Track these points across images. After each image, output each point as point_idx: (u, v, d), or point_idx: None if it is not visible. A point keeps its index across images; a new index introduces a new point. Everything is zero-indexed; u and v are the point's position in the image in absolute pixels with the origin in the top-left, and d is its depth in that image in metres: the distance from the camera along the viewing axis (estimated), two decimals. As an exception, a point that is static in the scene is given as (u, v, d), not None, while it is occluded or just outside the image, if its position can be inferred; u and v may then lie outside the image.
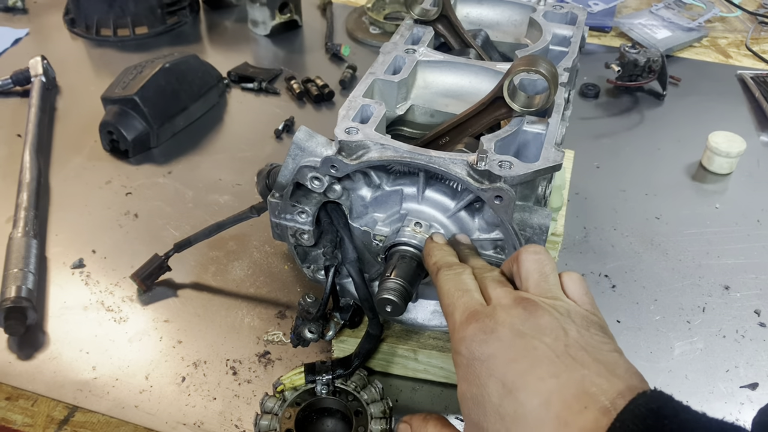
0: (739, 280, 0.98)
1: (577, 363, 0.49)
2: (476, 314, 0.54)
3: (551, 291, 0.56)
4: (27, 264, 0.92)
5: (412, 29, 0.88)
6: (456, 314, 0.56)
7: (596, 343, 0.51)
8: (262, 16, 1.53)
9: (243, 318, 0.90)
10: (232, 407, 0.80)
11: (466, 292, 0.58)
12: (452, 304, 0.57)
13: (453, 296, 0.58)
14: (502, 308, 0.54)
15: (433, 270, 0.63)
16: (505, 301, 0.55)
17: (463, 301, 0.57)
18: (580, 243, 1.03)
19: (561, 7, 0.93)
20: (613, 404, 0.45)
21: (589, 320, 0.54)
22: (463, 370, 0.53)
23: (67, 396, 0.81)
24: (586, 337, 0.51)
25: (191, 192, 1.12)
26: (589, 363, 0.49)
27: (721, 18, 1.66)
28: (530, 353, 0.50)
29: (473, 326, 0.53)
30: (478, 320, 0.53)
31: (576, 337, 0.51)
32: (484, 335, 0.52)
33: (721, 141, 1.16)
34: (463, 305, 0.56)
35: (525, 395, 0.48)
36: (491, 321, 0.53)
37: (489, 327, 0.52)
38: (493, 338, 0.52)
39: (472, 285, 0.59)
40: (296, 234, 0.76)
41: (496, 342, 0.51)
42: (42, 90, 1.30)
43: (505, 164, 0.63)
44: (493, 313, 0.53)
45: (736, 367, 0.86)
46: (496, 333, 0.52)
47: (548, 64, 0.67)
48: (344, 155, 0.67)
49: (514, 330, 0.51)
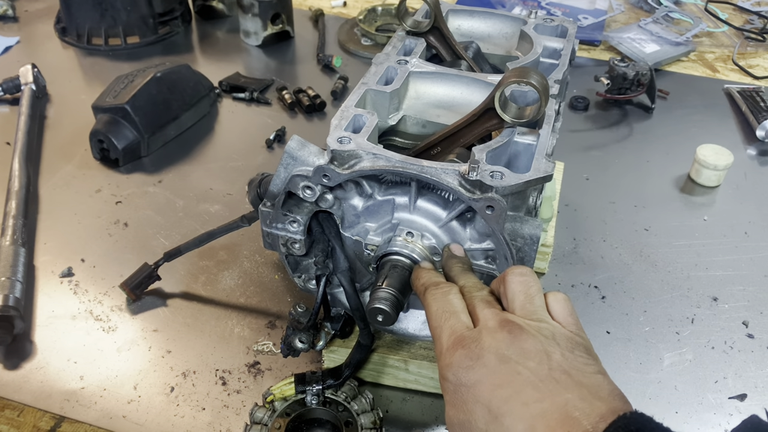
0: (728, 292, 0.98)
1: (561, 387, 0.50)
2: (462, 340, 0.55)
3: (536, 313, 0.57)
4: (15, 272, 0.92)
5: (405, 40, 0.89)
6: (443, 338, 0.56)
7: (580, 365, 0.52)
8: (254, 27, 1.53)
9: (233, 328, 0.90)
10: (221, 418, 0.79)
11: (452, 314, 0.58)
12: (439, 326, 0.58)
13: (440, 318, 0.58)
14: (487, 332, 0.54)
15: (421, 290, 0.64)
16: (490, 323, 0.55)
17: (449, 324, 0.57)
18: (570, 254, 1.04)
19: (552, 20, 0.94)
20: (595, 428, 0.46)
21: (573, 342, 0.54)
22: (451, 395, 0.54)
23: (53, 406, 0.80)
24: (570, 359, 0.52)
25: (182, 201, 1.11)
26: (572, 386, 0.50)
27: (708, 33, 1.68)
28: (514, 378, 0.51)
29: (459, 353, 0.54)
30: (464, 346, 0.54)
31: (560, 360, 0.52)
32: (470, 361, 0.53)
33: (708, 154, 1.17)
34: (450, 328, 0.56)
35: (510, 421, 0.49)
36: (477, 347, 0.53)
37: (474, 353, 0.53)
38: (479, 364, 0.52)
39: (459, 305, 0.59)
40: (287, 243, 0.76)
41: (481, 368, 0.52)
42: (32, 98, 1.29)
43: (497, 174, 0.64)
44: (479, 337, 0.54)
45: (724, 378, 0.86)
46: (481, 359, 0.52)
47: (539, 76, 0.67)
48: (336, 164, 0.67)
49: (498, 355, 0.52)
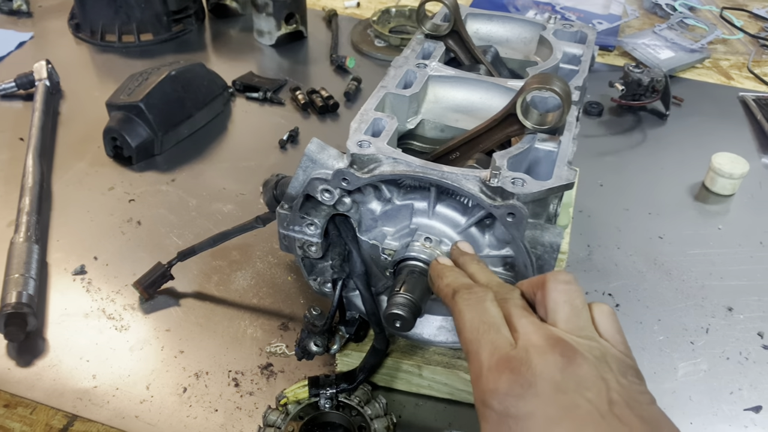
0: (743, 302, 0.98)
1: (624, 425, 0.45)
2: (509, 361, 0.48)
3: (584, 329, 0.51)
4: (28, 269, 0.91)
5: (423, 44, 0.88)
6: (482, 354, 0.50)
7: (635, 394, 0.47)
8: (268, 26, 1.53)
9: (245, 329, 0.90)
10: (233, 419, 0.79)
11: (491, 326, 0.51)
12: (476, 340, 0.51)
13: (477, 331, 0.52)
14: (536, 352, 0.48)
15: (447, 292, 0.58)
16: (536, 340, 0.49)
17: (489, 338, 0.51)
18: (584, 261, 1.03)
19: (571, 25, 0.93)
20: None
21: (625, 365, 0.49)
22: (493, 426, 0.47)
23: (66, 404, 0.80)
24: (625, 387, 0.47)
25: (194, 200, 1.11)
26: (635, 425, 0.45)
27: (723, 40, 1.67)
28: (573, 412, 0.45)
29: (507, 377, 0.47)
30: (512, 370, 0.48)
31: (617, 389, 0.47)
32: (520, 389, 0.46)
33: (724, 162, 1.17)
34: (491, 344, 0.50)
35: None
36: (528, 372, 0.47)
37: (526, 380, 0.47)
38: (531, 393, 0.46)
39: (498, 316, 0.53)
40: (304, 246, 0.76)
41: (534, 398, 0.46)
42: (46, 94, 1.29)
43: (518, 181, 0.63)
44: (528, 359, 0.48)
45: (740, 389, 0.85)
46: (534, 387, 0.46)
47: (562, 83, 0.67)
48: (356, 168, 0.67)
49: (554, 383, 0.46)
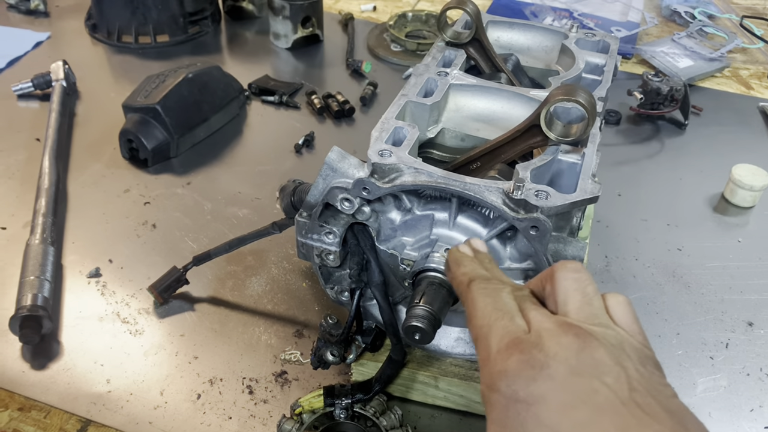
0: (763, 317, 0.96)
1: (647, 415, 0.40)
2: (519, 342, 0.45)
3: (597, 317, 0.47)
4: (43, 272, 0.91)
5: (444, 51, 0.87)
6: (492, 339, 0.46)
7: (657, 385, 0.43)
8: (285, 30, 1.53)
9: (260, 335, 0.89)
10: (247, 428, 0.78)
11: (506, 314, 0.48)
12: (487, 325, 0.48)
13: (489, 316, 0.48)
14: (549, 335, 0.44)
15: (463, 281, 0.54)
16: (547, 325, 0.46)
17: (502, 324, 0.47)
18: (602, 272, 1.02)
19: (593, 34, 0.92)
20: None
21: (644, 355, 0.45)
22: (500, 413, 0.43)
23: (80, 409, 0.79)
24: (646, 377, 0.43)
25: (210, 204, 1.11)
26: (660, 415, 0.40)
27: (743, 49, 1.65)
28: (591, 398, 0.41)
29: (517, 358, 0.43)
30: (522, 351, 0.44)
31: (637, 378, 0.42)
32: (531, 371, 0.42)
33: (744, 174, 1.15)
34: (502, 329, 0.46)
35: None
36: (540, 353, 0.43)
37: (538, 361, 0.43)
38: (544, 376, 0.42)
39: (513, 307, 0.49)
40: (322, 254, 0.75)
41: (547, 381, 0.42)
42: (62, 95, 1.29)
43: (542, 194, 0.62)
44: (540, 342, 0.44)
45: (760, 406, 0.84)
46: (546, 370, 0.42)
47: (587, 94, 0.66)
48: (377, 178, 0.66)
49: (568, 365, 0.42)
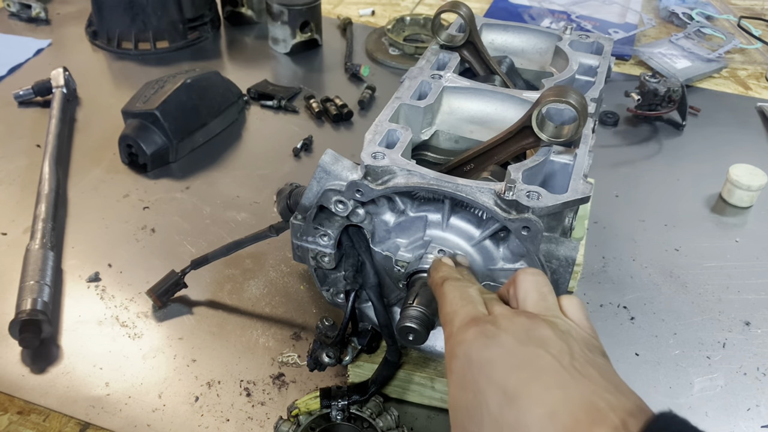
0: (760, 316, 0.96)
1: (584, 377, 0.46)
2: (477, 319, 0.52)
3: (551, 310, 0.54)
4: (43, 276, 0.92)
5: (438, 54, 0.88)
6: (456, 320, 0.54)
7: (600, 364, 0.49)
8: (283, 35, 1.54)
9: (258, 338, 0.90)
10: (245, 429, 0.79)
11: (470, 301, 0.56)
12: (454, 311, 0.55)
13: (456, 304, 0.56)
14: (504, 317, 0.52)
15: (437, 281, 0.61)
16: (506, 312, 0.53)
17: (466, 309, 0.54)
18: (599, 273, 1.02)
19: (587, 36, 0.93)
20: (624, 424, 0.43)
21: (590, 344, 0.51)
22: (459, 375, 0.50)
23: (79, 412, 0.80)
24: (589, 357, 0.49)
25: (209, 208, 1.11)
26: (596, 378, 0.46)
27: (741, 50, 1.65)
28: (534, 361, 0.47)
29: (473, 330, 0.51)
30: (478, 324, 0.51)
31: (579, 353, 0.49)
32: (485, 338, 0.50)
33: (742, 174, 1.15)
34: (465, 313, 0.54)
35: (528, 404, 0.45)
36: (493, 326, 0.51)
37: (491, 331, 0.50)
38: (495, 343, 0.49)
39: (478, 299, 0.56)
40: (317, 257, 0.76)
41: (497, 347, 0.49)
42: (63, 101, 1.30)
43: (533, 195, 0.63)
44: (495, 320, 0.52)
45: (757, 405, 0.84)
46: (498, 338, 0.50)
47: (578, 95, 0.66)
48: (370, 180, 0.67)
49: (517, 337, 0.49)
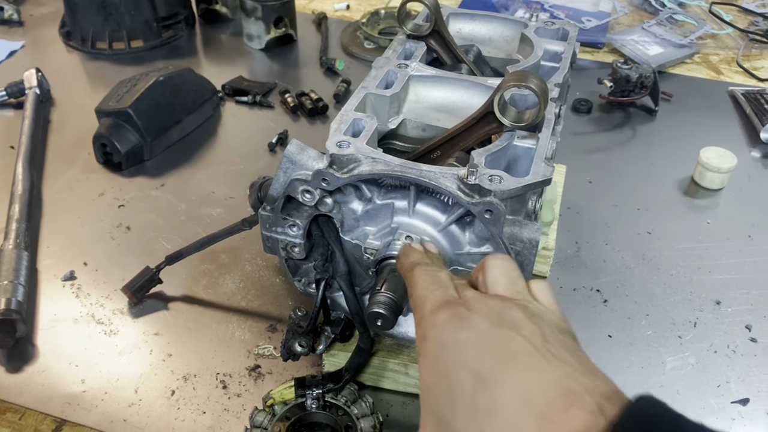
0: (731, 295, 0.98)
1: (558, 360, 0.46)
2: (449, 302, 0.52)
3: (521, 294, 0.54)
4: (17, 276, 0.92)
5: (405, 44, 0.89)
6: (427, 304, 0.53)
7: (571, 346, 0.49)
8: (258, 31, 1.54)
9: (234, 331, 0.90)
10: (221, 421, 0.79)
11: (441, 286, 0.55)
12: (424, 296, 0.54)
13: (427, 288, 0.55)
14: (475, 300, 0.52)
15: (407, 267, 0.61)
16: (478, 296, 0.53)
17: (436, 294, 0.54)
18: (572, 257, 1.03)
19: (553, 23, 0.94)
20: (600, 407, 0.42)
21: (561, 327, 0.51)
22: (430, 359, 0.49)
23: (55, 409, 0.80)
24: (560, 339, 0.49)
25: (184, 205, 1.12)
26: (570, 361, 0.46)
27: (712, 35, 1.67)
28: (507, 344, 0.47)
29: (445, 312, 0.50)
30: (450, 307, 0.51)
31: (551, 335, 0.48)
32: (457, 321, 0.49)
33: (712, 156, 1.17)
34: (437, 296, 0.53)
35: (502, 387, 0.44)
36: (465, 309, 0.50)
37: (463, 314, 0.49)
38: (467, 325, 0.48)
39: (449, 283, 0.56)
40: (287, 247, 0.76)
41: (469, 330, 0.48)
42: (36, 102, 1.30)
43: (495, 178, 0.64)
44: (467, 302, 0.51)
45: (727, 382, 0.86)
46: (470, 320, 0.49)
47: (538, 80, 0.67)
48: (335, 169, 0.67)
49: (489, 319, 0.49)
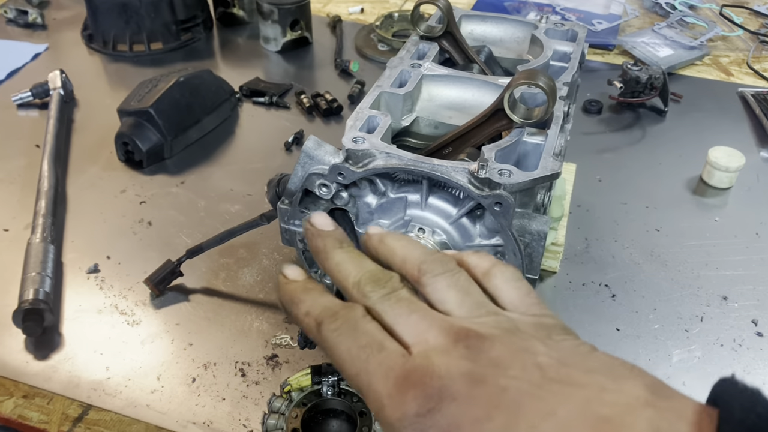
0: (737, 291, 1.00)
1: (568, 386, 0.36)
2: (408, 376, 0.38)
3: (482, 307, 0.42)
4: (44, 268, 0.96)
5: (418, 45, 0.92)
6: (375, 384, 0.39)
7: (569, 350, 0.39)
8: (274, 33, 1.57)
9: (252, 322, 0.93)
10: (240, 407, 0.82)
11: (372, 346, 0.40)
12: (363, 370, 0.40)
13: (357, 360, 0.40)
14: (436, 353, 0.39)
15: (310, 325, 0.44)
16: (432, 340, 0.40)
17: (375, 361, 0.39)
18: (582, 253, 1.06)
19: (562, 24, 0.96)
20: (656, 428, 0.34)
21: (545, 327, 0.41)
22: None
23: (81, 395, 0.84)
24: (554, 347, 0.39)
25: (203, 201, 1.15)
26: (581, 380, 0.36)
27: (723, 37, 1.69)
28: (502, 398, 0.36)
29: (411, 395, 0.37)
30: (415, 385, 0.37)
31: (544, 352, 0.38)
32: (431, 402, 0.36)
33: (720, 156, 1.19)
34: (379, 367, 0.39)
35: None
36: (433, 379, 0.37)
37: (434, 388, 0.37)
38: (446, 401, 0.36)
39: (376, 333, 0.41)
40: (304, 240, 0.79)
41: (451, 405, 0.36)
42: (60, 102, 1.34)
43: (505, 172, 0.66)
44: (429, 365, 0.38)
45: (733, 374, 0.87)
46: (446, 392, 0.36)
47: (547, 78, 0.70)
48: (351, 163, 0.70)
49: (466, 379, 0.37)
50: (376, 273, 0.45)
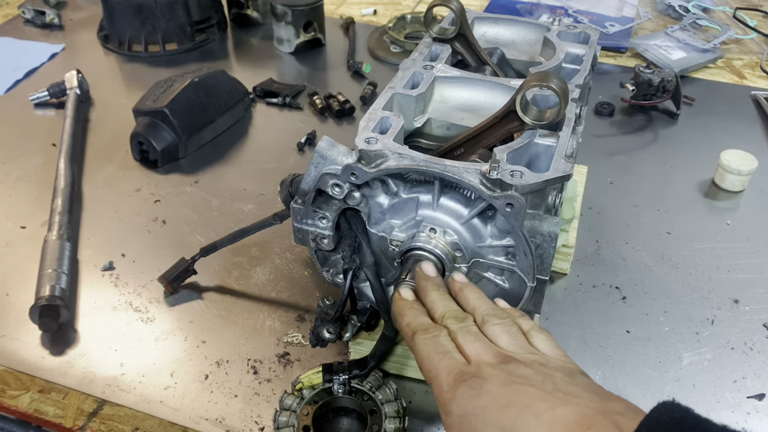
0: (749, 294, 0.99)
1: (569, 395, 0.52)
2: (462, 375, 0.56)
3: (524, 347, 0.60)
4: (60, 265, 0.97)
5: (431, 47, 0.92)
6: (441, 378, 0.58)
7: (583, 382, 0.55)
8: (287, 35, 1.59)
9: (264, 320, 0.94)
10: (252, 404, 0.83)
11: (446, 354, 0.59)
12: (435, 368, 0.59)
13: (433, 360, 0.59)
14: (486, 365, 0.57)
15: (407, 332, 0.65)
16: (485, 357, 0.58)
17: (445, 363, 0.58)
18: (593, 255, 1.06)
19: (574, 27, 0.96)
20: (616, 423, 0.48)
21: (567, 369, 0.57)
22: (456, 429, 0.55)
23: (96, 390, 0.85)
24: (568, 379, 0.55)
25: (217, 201, 1.16)
26: (581, 394, 0.52)
27: (736, 40, 1.68)
28: (521, 396, 0.53)
29: (461, 386, 0.55)
30: (465, 380, 0.56)
31: (560, 378, 0.55)
32: (473, 391, 0.55)
33: (732, 159, 1.18)
34: (446, 367, 0.58)
35: None
36: (478, 379, 0.55)
37: (477, 384, 0.55)
38: (483, 392, 0.54)
39: (450, 346, 0.60)
40: (317, 238, 0.80)
41: (486, 395, 0.54)
42: (76, 102, 1.36)
43: (517, 174, 0.67)
44: (479, 371, 0.56)
45: (743, 377, 0.87)
46: (485, 387, 0.55)
47: (559, 80, 0.70)
48: (364, 163, 0.71)
49: (500, 381, 0.55)
50: (456, 312, 0.65)
